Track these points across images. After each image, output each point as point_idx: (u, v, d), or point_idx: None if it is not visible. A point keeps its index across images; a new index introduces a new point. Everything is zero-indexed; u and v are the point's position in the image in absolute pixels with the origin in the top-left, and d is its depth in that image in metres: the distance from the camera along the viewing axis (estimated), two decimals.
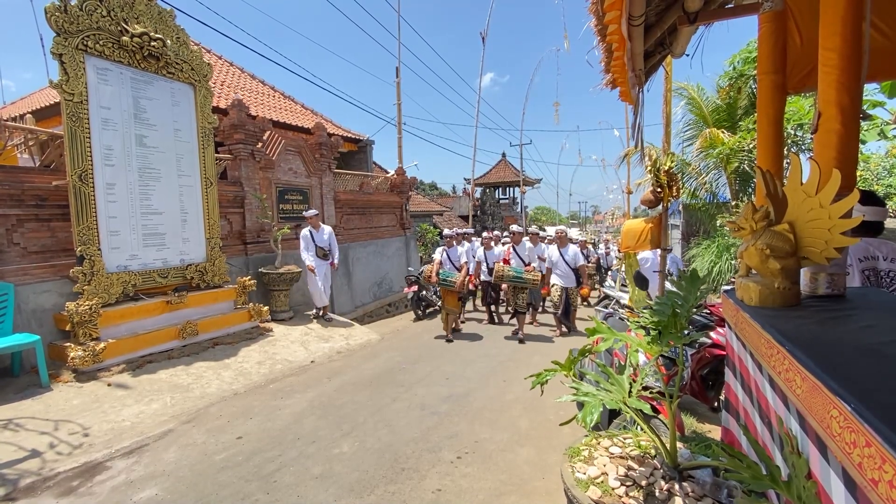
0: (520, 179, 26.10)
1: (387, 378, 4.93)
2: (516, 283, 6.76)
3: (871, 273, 2.25)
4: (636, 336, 1.97)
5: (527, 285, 6.76)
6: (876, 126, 6.11)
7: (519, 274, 6.75)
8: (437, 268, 6.78)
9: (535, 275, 6.76)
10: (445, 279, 6.67)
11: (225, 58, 12.65)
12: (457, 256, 7.22)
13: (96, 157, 4.93)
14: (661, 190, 3.68)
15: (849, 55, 1.84)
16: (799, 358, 1.17)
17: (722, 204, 9.91)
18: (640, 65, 3.06)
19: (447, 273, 6.76)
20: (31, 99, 11.64)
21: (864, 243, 2.28)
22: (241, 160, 7.54)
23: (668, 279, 4.22)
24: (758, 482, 1.29)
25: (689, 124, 10.41)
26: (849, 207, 1.46)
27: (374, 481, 2.83)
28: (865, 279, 2.24)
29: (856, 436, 0.88)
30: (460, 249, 7.40)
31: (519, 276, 6.71)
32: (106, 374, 4.62)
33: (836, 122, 1.86)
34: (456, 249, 7.36)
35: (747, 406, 1.71)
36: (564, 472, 1.82)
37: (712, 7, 3.08)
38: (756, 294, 1.69)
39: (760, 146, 2.71)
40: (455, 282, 6.65)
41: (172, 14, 5.74)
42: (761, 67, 2.66)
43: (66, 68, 4.64)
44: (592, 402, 1.62)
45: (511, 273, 6.79)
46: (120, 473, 2.93)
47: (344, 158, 12.88)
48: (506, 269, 6.80)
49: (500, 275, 6.77)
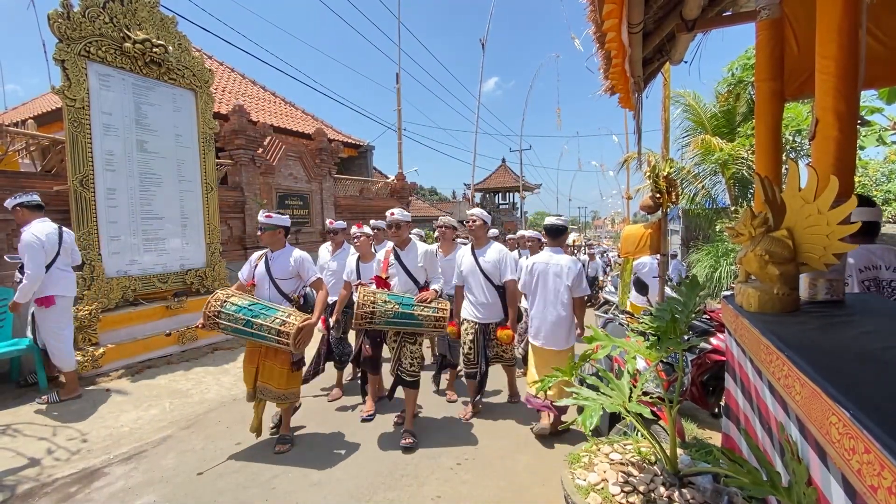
0: (520, 185, 26.16)
1: None
2: (398, 325, 3.33)
3: (871, 283, 2.21)
4: (635, 342, 1.97)
5: (420, 328, 3.36)
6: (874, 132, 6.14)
7: (400, 303, 3.31)
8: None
9: (438, 307, 3.35)
10: (404, 314, 3.29)
11: (226, 64, 12.75)
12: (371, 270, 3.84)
13: (97, 162, 4.95)
14: (660, 195, 3.69)
15: (845, 62, 1.86)
16: (798, 364, 1.17)
17: (721, 209, 9.94)
18: (639, 71, 3.08)
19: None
20: (33, 104, 11.69)
21: (867, 252, 2.23)
22: (241, 165, 7.57)
23: (667, 285, 4.22)
24: (758, 488, 1.28)
25: (687, 131, 10.47)
26: (847, 213, 1.46)
27: (372, 487, 2.82)
28: (865, 290, 2.20)
29: (855, 442, 0.88)
30: None
31: (405, 313, 3.28)
32: (105, 379, 4.61)
33: (833, 128, 1.87)
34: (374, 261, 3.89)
35: (747, 412, 1.71)
36: (564, 479, 1.81)
37: (710, 15, 3.10)
38: (755, 300, 1.69)
39: (759, 152, 2.73)
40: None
41: (174, 20, 5.79)
42: (759, 74, 2.68)
43: (69, 74, 4.67)
44: (592, 406, 1.62)
45: (387, 305, 3.27)
46: (118, 480, 2.91)
47: (344, 164, 12.92)
48: (378, 297, 3.30)
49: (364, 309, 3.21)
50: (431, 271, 3.64)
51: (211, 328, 3.09)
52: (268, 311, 3.08)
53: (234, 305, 3.07)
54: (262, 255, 3.40)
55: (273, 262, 3.35)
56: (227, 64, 12.75)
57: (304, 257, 3.37)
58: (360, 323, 3.24)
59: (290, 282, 3.38)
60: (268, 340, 3.02)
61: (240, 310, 3.06)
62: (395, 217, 3.52)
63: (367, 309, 3.23)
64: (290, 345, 2.94)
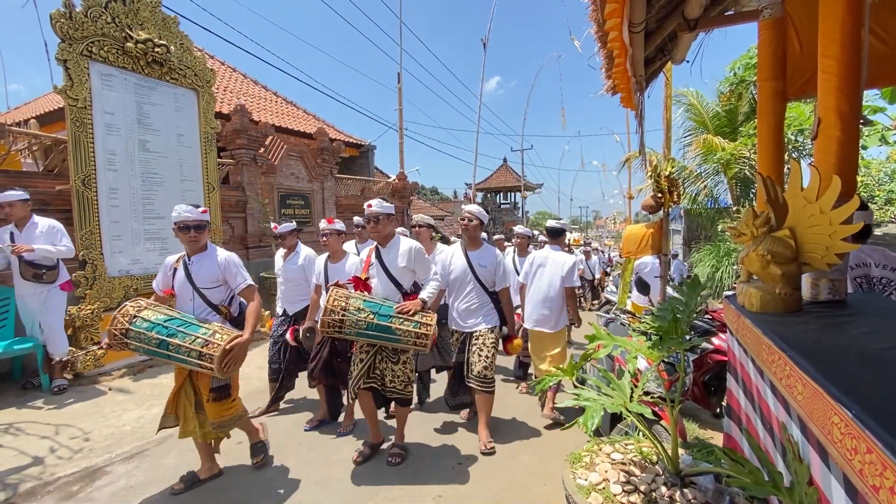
0: (521, 184, 26.16)
1: None
2: (372, 338, 2.86)
3: (863, 280, 2.25)
4: (637, 342, 1.97)
5: (398, 343, 2.88)
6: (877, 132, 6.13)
7: (376, 312, 2.82)
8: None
9: (422, 321, 2.83)
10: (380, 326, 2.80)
11: (228, 63, 12.75)
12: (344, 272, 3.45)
13: (99, 161, 4.96)
14: (661, 195, 3.69)
15: (848, 62, 1.85)
16: (800, 364, 1.17)
17: (723, 209, 9.92)
18: (641, 71, 3.08)
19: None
20: (36, 104, 11.72)
21: (856, 251, 2.28)
22: (243, 165, 7.58)
23: (669, 285, 4.21)
24: (760, 488, 1.28)
25: (690, 130, 10.45)
26: (849, 213, 1.46)
27: (374, 486, 2.82)
28: (857, 286, 2.23)
29: (857, 442, 0.88)
30: None
31: (380, 325, 2.79)
32: (107, 378, 4.63)
33: (836, 128, 1.87)
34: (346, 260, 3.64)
35: (749, 412, 1.71)
36: (566, 479, 1.81)
37: (712, 14, 3.10)
38: (757, 300, 1.69)
39: (761, 152, 2.72)
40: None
41: (176, 20, 5.80)
42: (761, 74, 2.67)
43: (71, 74, 4.68)
44: (594, 407, 1.62)
45: (360, 314, 2.80)
46: (120, 478, 2.92)
47: (346, 163, 12.93)
48: (351, 302, 2.84)
49: (332, 316, 2.77)
50: (422, 272, 3.12)
51: (120, 348, 2.57)
52: (187, 327, 2.54)
53: (145, 322, 2.52)
54: (180, 259, 2.82)
55: (194, 266, 2.75)
56: (228, 64, 12.75)
57: (230, 260, 2.80)
58: (326, 331, 2.81)
59: (217, 290, 2.81)
60: (188, 364, 2.51)
61: (152, 327, 2.50)
62: (372, 210, 2.97)
63: (335, 316, 2.76)
64: (214, 369, 2.44)
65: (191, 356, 2.47)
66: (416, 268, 3.10)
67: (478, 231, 3.54)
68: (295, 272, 3.91)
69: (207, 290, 2.76)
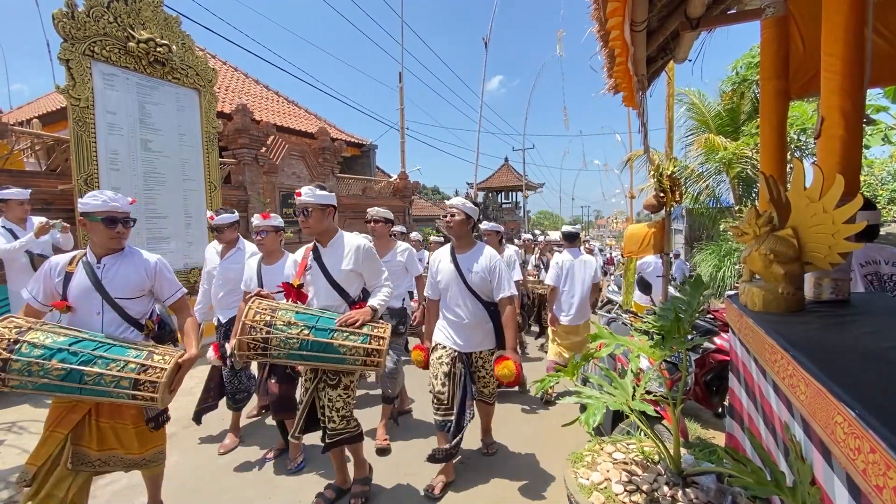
0: (522, 184, 26.14)
1: None
2: (308, 360, 2.25)
3: (874, 278, 2.25)
4: (639, 341, 1.97)
5: (342, 364, 2.27)
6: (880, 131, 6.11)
7: (312, 326, 2.23)
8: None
9: (372, 334, 2.28)
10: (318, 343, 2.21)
11: (229, 63, 12.76)
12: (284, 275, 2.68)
13: (102, 161, 4.97)
14: (663, 195, 3.68)
15: (851, 61, 1.84)
16: (803, 363, 1.16)
17: (725, 209, 9.91)
18: (643, 70, 3.07)
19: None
20: (38, 103, 11.75)
21: (865, 248, 2.29)
22: (244, 164, 7.59)
23: (671, 284, 4.21)
24: (762, 488, 1.28)
25: (691, 130, 10.44)
26: (852, 212, 1.45)
27: (375, 486, 2.82)
28: (868, 284, 2.24)
29: (860, 442, 0.87)
30: None
31: (318, 343, 2.20)
32: None
33: (839, 127, 1.86)
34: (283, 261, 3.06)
35: (751, 412, 1.71)
36: (567, 478, 1.81)
37: (714, 13, 3.09)
38: (760, 299, 1.69)
39: (763, 151, 2.72)
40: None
41: (178, 20, 5.81)
42: (764, 73, 2.66)
43: (73, 73, 4.69)
44: (595, 405, 1.62)
45: (290, 329, 2.20)
46: (122, 478, 2.92)
47: (347, 163, 12.94)
48: (279, 316, 2.23)
49: (252, 335, 2.17)
50: (371, 276, 2.51)
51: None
52: (108, 350, 1.95)
53: (38, 348, 1.84)
54: (76, 261, 2.11)
55: (106, 271, 2.11)
56: (230, 63, 12.77)
57: (163, 264, 2.24)
58: (245, 355, 2.15)
59: (139, 301, 2.19)
60: (112, 397, 1.92)
61: (51, 354, 1.85)
62: (301, 199, 2.37)
63: (257, 334, 2.13)
64: (157, 399, 1.90)
65: (120, 387, 1.88)
66: (365, 271, 2.50)
67: (464, 228, 2.83)
68: (237, 272, 3.26)
69: (126, 300, 2.13)
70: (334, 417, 2.39)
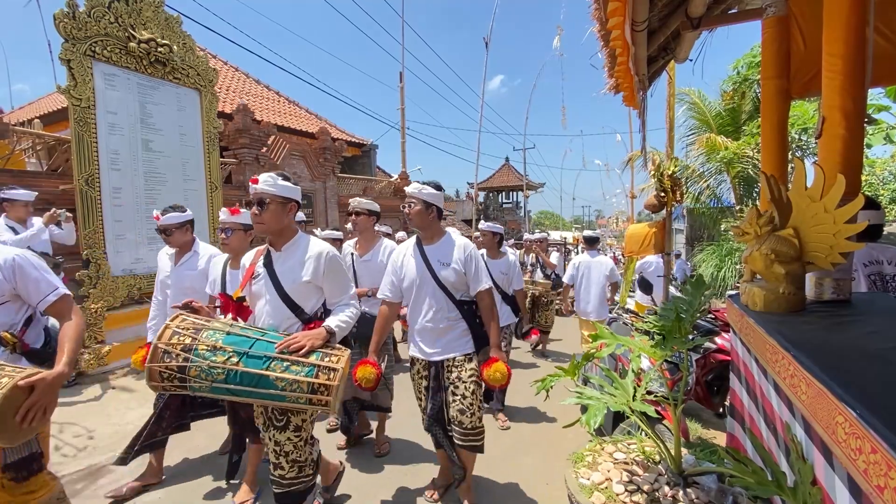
0: (523, 184, 26.14)
1: None
2: (237, 395, 1.78)
3: (877, 278, 2.25)
4: (640, 341, 1.96)
5: (282, 402, 1.77)
6: (881, 130, 6.10)
7: (243, 353, 1.75)
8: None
9: (322, 364, 1.76)
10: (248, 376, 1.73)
11: (230, 63, 12.77)
12: None
13: (103, 161, 4.98)
14: (664, 194, 3.68)
15: (852, 60, 1.84)
16: (804, 363, 1.16)
17: (726, 208, 9.89)
18: (644, 69, 3.07)
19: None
20: (40, 104, 11.77)
21: (868, 248, 2.28)
22: (245, 164, 7.60)
23: (672, 284, 4.21)
24: (763, 488, 1.28)
25: (692, 129, 10.42)
26: (854, 212, 1.45)
27: (376, 486, 2.82)
28: (872, 284, 2.23)
29: (861, 442, 0.87)
30: None
31: (249, 375, 1.72)
32: (111, 377, 4.64)
33: (840, 126, 1.86)
34: None
35: (752, 412, 1.70)
36: (568, 478, 1.81)
37: (715, 13, 3.09)
38: (761, 299, 1.68)
39: (764, 151, 2.71)
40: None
41: (179, 20, 5.81)
42: (764, 72, 2.66)
43: (74, 74, 4.70)
44: (596, 405, 1.62)
45: (215, 357, 1.73)
46: (124, 477, 2.93)
47: (347, 163, 12.95)
48: (203, 339, 1.76)
49: (164, 362, 1.73)
50: (333, 292, 2.07)
51: None
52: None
53: None
54: None
55: None
56: (231, 63, 12.78)
57: (23, 261, 1.76)
58: (160, 386, 1.76)
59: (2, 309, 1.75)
60: None
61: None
62: (258, 187, 1.96)
63: (172, 361, 1.73)
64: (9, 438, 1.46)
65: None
66: (326, 284, 2.04)
67: (425, 218, 2.42)
68: (194, 279, 2.84)
69: None
70: (282, 464, 1.94)
